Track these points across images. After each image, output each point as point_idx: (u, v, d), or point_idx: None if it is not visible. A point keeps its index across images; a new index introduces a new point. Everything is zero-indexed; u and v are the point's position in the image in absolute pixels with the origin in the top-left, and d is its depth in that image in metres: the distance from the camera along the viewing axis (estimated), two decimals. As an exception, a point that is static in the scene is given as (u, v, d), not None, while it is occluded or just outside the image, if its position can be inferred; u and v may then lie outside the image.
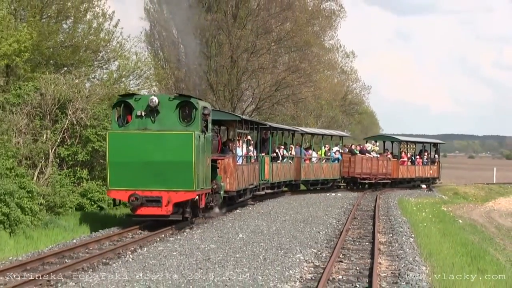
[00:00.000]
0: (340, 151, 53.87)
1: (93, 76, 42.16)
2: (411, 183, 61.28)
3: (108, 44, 42.51)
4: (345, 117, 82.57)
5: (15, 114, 31.90)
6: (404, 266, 18.77)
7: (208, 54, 58.11)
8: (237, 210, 34.20)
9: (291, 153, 46.66)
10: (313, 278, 16.80)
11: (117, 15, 42.35)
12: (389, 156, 57.80)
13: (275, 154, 43.15)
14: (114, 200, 27.46)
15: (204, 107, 26.88)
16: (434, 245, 23.63)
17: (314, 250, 21.20)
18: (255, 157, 38.59)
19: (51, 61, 39.25)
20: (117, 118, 26.39)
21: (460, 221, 36.15)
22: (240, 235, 24.28)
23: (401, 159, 58.99)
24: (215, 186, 28.76)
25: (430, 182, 63.96)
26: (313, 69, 63.15)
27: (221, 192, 30.02)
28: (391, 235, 25.94)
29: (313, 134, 54.02)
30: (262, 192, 39.80)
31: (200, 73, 57.83)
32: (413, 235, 26.05)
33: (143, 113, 25.62)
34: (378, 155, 56.03)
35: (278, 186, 44.08)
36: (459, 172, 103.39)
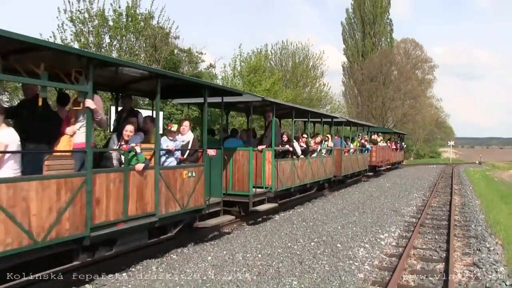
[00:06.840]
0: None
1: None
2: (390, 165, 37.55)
3: (325, 97, 43.88)
4: (437, 129, 79.11)
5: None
6: (467, 200, 18.15)
7: (370, 101, 59.16)
8: (383, 173, 33.44)
9: (328, 145, 18.68)
10: (422, 205, 16.62)
11: (329, 84, 44.03)
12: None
13: (289, 147, 13.40)
14: None
15: None
16: (482, 190, 22.50)
17: (422, 192, 20.83)
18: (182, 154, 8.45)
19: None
20: None
21: (496, 179, 33.70)
22: (387, 184, 24.13)
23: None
24: None
25: (400, 163, 42.04)
26: (421, 106, 63.05)
27: None
28: (461, 185, 24.89)
29: (355, 124, 24.84)
30: (219, 220, 9.12)
31: (368, 110, 58.67)
32: (471, 186, 24.84)
33: None
34: (384, 144, 34.51)
35: (303, 190, 15.51)
36: (494, 156, 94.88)
